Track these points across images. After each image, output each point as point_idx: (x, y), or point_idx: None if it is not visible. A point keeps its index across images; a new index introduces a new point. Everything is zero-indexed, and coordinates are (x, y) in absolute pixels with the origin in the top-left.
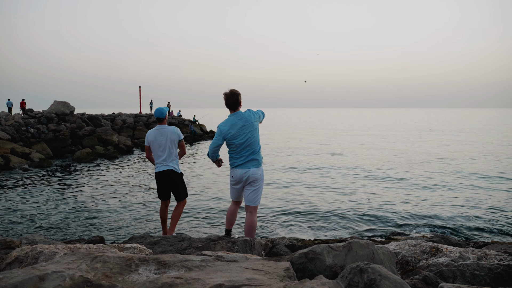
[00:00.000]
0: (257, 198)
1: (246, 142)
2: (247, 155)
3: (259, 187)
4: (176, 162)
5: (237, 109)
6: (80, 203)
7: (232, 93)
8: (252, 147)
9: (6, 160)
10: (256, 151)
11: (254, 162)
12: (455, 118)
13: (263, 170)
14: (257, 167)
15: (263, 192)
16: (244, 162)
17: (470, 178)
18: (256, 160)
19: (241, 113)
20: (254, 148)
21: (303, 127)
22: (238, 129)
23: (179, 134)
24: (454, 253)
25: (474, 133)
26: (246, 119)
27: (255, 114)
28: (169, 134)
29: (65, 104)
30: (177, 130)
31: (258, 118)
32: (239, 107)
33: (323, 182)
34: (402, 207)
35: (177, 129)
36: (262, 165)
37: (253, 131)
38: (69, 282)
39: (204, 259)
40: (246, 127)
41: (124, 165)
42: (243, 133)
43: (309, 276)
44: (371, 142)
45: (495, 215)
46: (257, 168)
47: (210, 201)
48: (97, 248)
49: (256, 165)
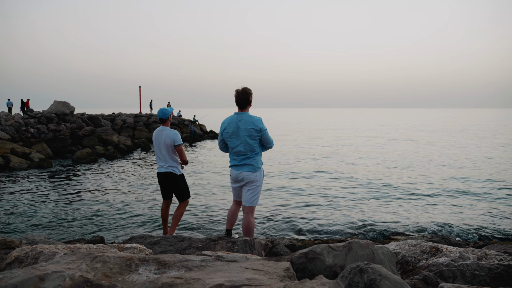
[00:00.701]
0: (253, 199)
1: (239, 146)
2: (241, 159)
3: (255, 188)
4: (176, 164)
5: (245, 108)
6: (80, 203)
7: (243, 91)
8: (246, 153)
9: (6, 160)
10: (251, 157)
11: (249, 167)
12: (454, 118)
13: (260, 174)
14: (251, 171)
15: (262, 193)
16: (239, 164)
17: (470, 178)
18: (251, 165)
19: (245, 115)
20: (249, 154)
21: (301, 127)
22: (235, 129)
23: (174, 139)
24: (454, 253)
25: (475, 133)
26: (246, 122)
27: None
28: (164, 137)
29: (65, 104)
30: (174, 135)
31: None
32: (248, 107)
33: (323, 182)
34: (402, 207)
35: (174, 133)
36: (259, 170)
37: (248, 138)
38: (69, 282)
39: (204, 259)
40: (243, 130)
41: (124, 165)
42: (238, 136)
43: (309, 276)
44: (371, 141)
45: (495, 215)
46: (251, 172)
47: (210, 201)
48: (97, 248)
49: (251, 169)
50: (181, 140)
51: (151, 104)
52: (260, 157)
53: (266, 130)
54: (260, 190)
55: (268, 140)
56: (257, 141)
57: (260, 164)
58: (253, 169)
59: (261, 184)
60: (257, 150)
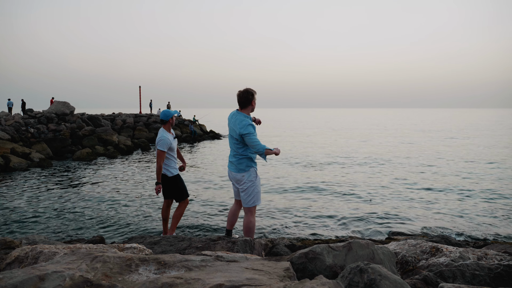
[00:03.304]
0: (247, 200)
1: (229, 144)
2: (230, 155)
3: (247, 189)
4: (167, 166)
5: (245, 108)
6: (80, 203)
7: (244, 91)
8: (233, 153)
9: (6, 160)
10: (236, 157)
11: (232, 166)
12: (454, 119)
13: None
14: (235, 172)
15: (262, 193)
16: (229, 162)
17: (470, 178)
18: (233, 164)
19: (239, 115)
20: (234, 152)
21: (302, 126)
22: (229, 126)
23: (157, 142)
24: (454, 253)
25: (474, 133)
26: (235, 122)
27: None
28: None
29: (65, 104)
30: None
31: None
32: (249, 107)
33: (323, 182)
34: (402, 207)
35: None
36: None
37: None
38: (69, 282)
39: (204, 259)
40: (231, 130)
41: (124, 165)
42: (229, 134)
43: (309, 276)
44: (371, 142)
45: (495, 215)
46: (236, 172)
47: (210, 201)
48: (97, 248)
49: (234, 169)
50: (163, 147)
51: (151, 104)
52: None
53: (250, 134)
54: (255, 191)
55: (252, 144)
56: (240, 143)
57: (247, 166)
58: (239, 170)
59: (254, 185)
60: (240, 151)
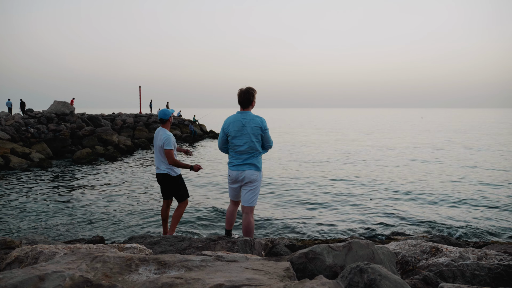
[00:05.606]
0: (253, 199)
1: (244, 145)
2: (245, 158)
3: (255, 188)
4: (171, 166)
5: (247, 108)
6: (80, 203)
7: (246, 90)
8: (250, 152)
9: (6, 160)
10: (255, 156)
11: (252, 166)
12: (453, 118)
13: (260, 174)
14: (254, 170)
15: (262, 193)
16: (241, 164)
17: (470, 178)
18: (253, 164)
19: (249, 114)
20: (253, 153)
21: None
22: (239, 128)
23: (164, 141)
24: (454, 253)
25: (474, 133)
26: (252, 121)
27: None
28: (158, 139)
29: (65, 104)
30: (165, 138)
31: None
32: (250, 107)
33: (323, 182)
34: (402, 207)
35: (165, 137)
36: (260, 170)
37: (253, 137)
38: (69, 282)
39: (204, 259)
40: (248, 129)
41: (124, 165)
42: (243, 135)
43: (309, 276)
44: (371, 141)
45: (495, 215)
46: (253, 171)
47: (210, 201)
48: (97, 248)
49: (254, 168)
50: (170, 145)
51: (151, 104)
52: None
53: (268, 130)
54: (258, 190)
55: (269, 139)
56: (260, 141)
57: (261, 164)
58: (256, 169)
59: (260, 184)
60: (260, 149)
